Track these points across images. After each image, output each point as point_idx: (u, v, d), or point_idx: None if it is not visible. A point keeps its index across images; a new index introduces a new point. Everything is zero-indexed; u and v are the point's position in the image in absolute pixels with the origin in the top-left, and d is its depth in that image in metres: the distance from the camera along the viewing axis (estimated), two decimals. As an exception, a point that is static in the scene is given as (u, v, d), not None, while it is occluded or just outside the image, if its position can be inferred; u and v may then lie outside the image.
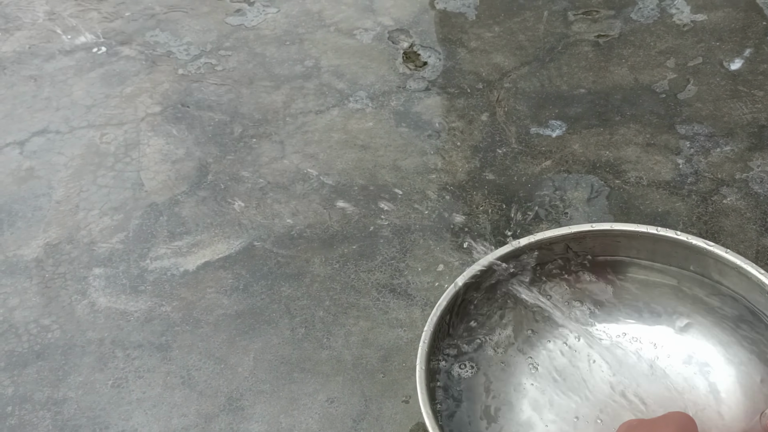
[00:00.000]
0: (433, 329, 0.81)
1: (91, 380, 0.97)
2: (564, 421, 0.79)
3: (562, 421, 0.79)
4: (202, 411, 0.93)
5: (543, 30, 1.42)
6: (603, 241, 0.89)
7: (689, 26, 1.39)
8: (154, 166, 1.25)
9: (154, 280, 1.08)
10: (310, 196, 1.17)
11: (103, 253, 1.12)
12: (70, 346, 1.01)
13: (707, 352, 0.82)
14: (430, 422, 0.73)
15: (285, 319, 1.01)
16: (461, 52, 1.41)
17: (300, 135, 1.27)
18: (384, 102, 1.32)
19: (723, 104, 1.22)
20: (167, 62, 1.47)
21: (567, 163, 1.16)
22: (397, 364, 0.94)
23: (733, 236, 1.03)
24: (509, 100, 1.29)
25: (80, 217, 1.18)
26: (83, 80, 1.45)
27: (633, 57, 1.34)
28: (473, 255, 1.04)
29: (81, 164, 1.27)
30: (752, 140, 1.16)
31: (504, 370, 0.84)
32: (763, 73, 1.27)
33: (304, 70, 1.41)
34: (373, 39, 1.47)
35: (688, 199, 1.09)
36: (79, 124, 1.35)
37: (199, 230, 1.14)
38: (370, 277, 1.04)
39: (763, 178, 1.10)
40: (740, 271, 0.82)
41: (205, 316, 1.03)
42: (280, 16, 1.56)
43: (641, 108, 1.24)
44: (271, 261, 1.08)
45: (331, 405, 0.91)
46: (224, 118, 1.33)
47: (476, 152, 1.20)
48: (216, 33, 1.54)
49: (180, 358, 0.98)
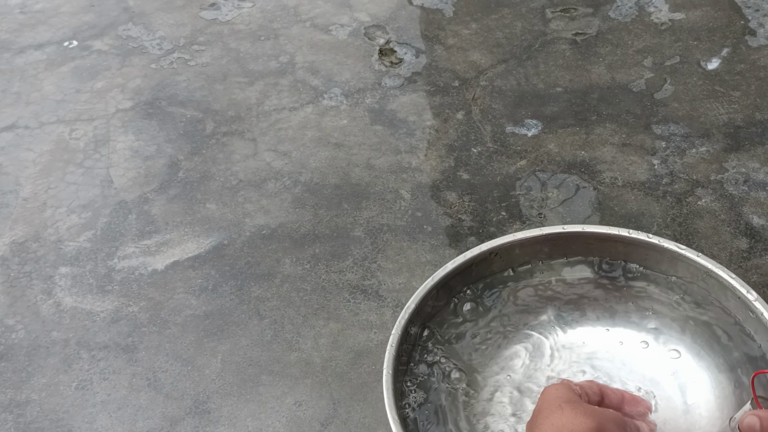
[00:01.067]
0: (401, 333, 0.79)
1: (55, 382, 0.95)
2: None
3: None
4: (167, 414, 0.91)
5: (520, 27, 1.41)
6: (576, 243, 0.88)
7: (667, 25, 1.38)
8: (124, 163, 1.23)
9: (121, 280, 1.06)
10: (282, 195, 1.15)
11: (70, 252, 1.10)
12: (35, 346, 0.99)
13: (677, 357, 0.81)
14: (396, 429, 0.71)
15: (254, 320, 0.99)
16: (438, 49, 1.39)
17: (273, 132, 1.26)
18: (359, 99, 1.30)
19: (699, 104, 1.22)
20: (139, 57, 1.45)
21: (542, 163, 1.15)
22: (367, 367, 0.93)
23: (707, 238, 1.02)
24: (485, 99, 1.27)
25: (48, 214, 1.16)
26: (54, 75, 1.43)
27: (610, 56, 1.33)
28: (446, 256, 1.03)
29: (50, 160, 1.25)
30: (728, 141, 1.15)
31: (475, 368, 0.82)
32: (740, 73, 1.27)
33: (278, 66, 1.39)
34: (349, 35, 1.45)
35: (662, 200, 1.08)
36: (48, 120, 1.33)
37: (168, 229, 1.12)
38: (341, 278, 1.03)
39: (738, 179, 1.10)
40: (712, 275, 0.81)
41: (172, 316, 1.01)
42: (256, 11, 1.54)
43: (618, 107, 1.23)
44: (241, 261, 1.06)
45: (299, 408, 0.90)
46: (197, 115, 1.31)
47: (451, 151, 1.19)
48: (190, 27, 1.51)
49: (146, 359, 0.97)
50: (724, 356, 0.80)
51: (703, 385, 0.79)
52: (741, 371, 0.78)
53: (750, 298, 0.77)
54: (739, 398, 0.76)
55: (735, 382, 0.78)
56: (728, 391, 0.78)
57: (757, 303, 0.77)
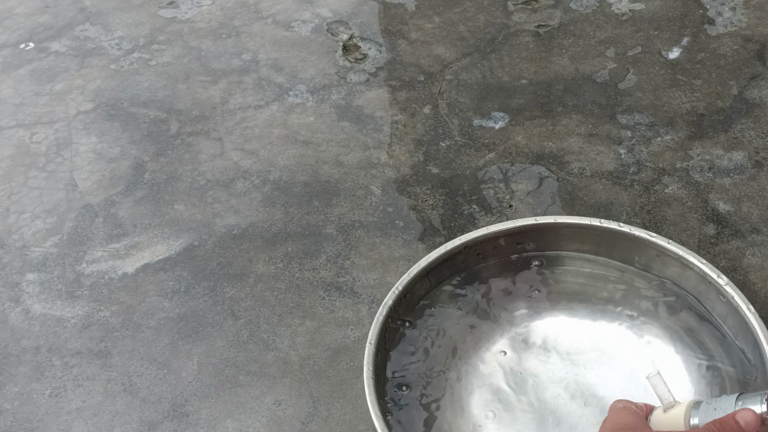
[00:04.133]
0: (379, 329, 0.79)
1: (27, 390, 0.94)
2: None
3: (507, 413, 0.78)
4: (145, 418, 0.90)
5: (483, 20, 1.42)
6: (547, 235, 0.89)
7: (628, 15, 1.40)
8: (87, 165, 1.21)
9: (91, 285, 1.04)
10: (251, 194, 1.14)
11: (36, 258, 1.08)
12: (5, 355, 0.97)
13: (653, 346, 0.82)
14: (379, 424, 0.71)
15: (229, 321, 0.99)
16: (402, 43, 1.39)
17: (239, 131, 1.25)
18: (324, 96, 1.30)
19: (662, 93, 1.23)
20: (98, 58, 1.43)
21: (511, 155, 1.16)
22: (345, 364, 0.93)
23: (675, 225, 1.04)
24: (451, 92, 1.28)
25: (11, 220, 1.14)
26: (11, 78, 1.40)
27: (573, 47, 1.34)
28: (418, 250, 1.03)
29: (11, 165, 1.22)
30: (691, 129, 1.17)
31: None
32: (701, 62, 1.29)
33: (241, 64, 1.38)
34: (311, 31, 1.45)
35: (630, 189, 1.09)
36: (7, 124, 1.30)
37: (137, 231, 1.10)
38: (315, 276, 1.02)
39: (703, 167, 1.11)
40: (683, 261, 0.82)
41: (145, 320, 1.00)
42: (215, 8, 1.52)
43: (583, 98, 1.24)
44: (212, 262, 1.05)
45: (279, 407, 0.89)
46: (160, 115, 1.29)
47: (419, 146, 1.19)
48: (149, 26, 1.49)
49: (121, 364, 0.95)
50: (695, 341, 0.82)
51: (678, 372, 0.80)
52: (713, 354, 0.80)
53: (721, 282, 0.79)
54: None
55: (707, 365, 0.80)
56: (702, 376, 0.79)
57: (727, 287, 0.78)
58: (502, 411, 0.79)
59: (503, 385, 0.81)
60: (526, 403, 0.79)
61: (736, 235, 1.02)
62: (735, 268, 0.98)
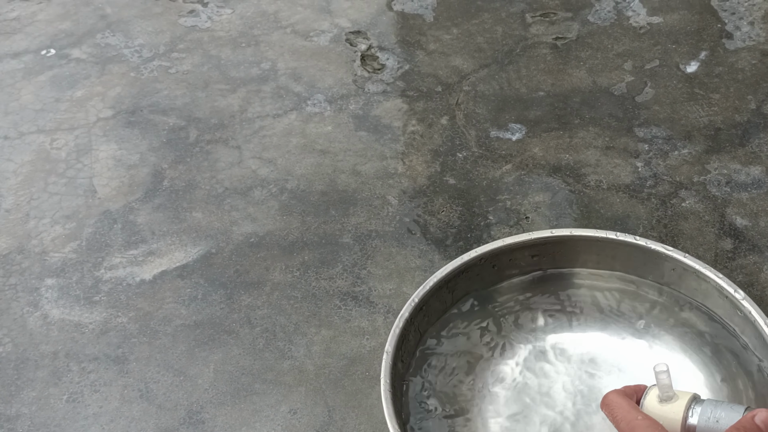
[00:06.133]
0: (396, 340, 0.80)
1: (45, 395, 0.94)
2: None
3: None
4: (161, 425, 0.90)
5: (501, 32, 1.42)
6: (563, 247, 0.89)
7: (645, 29, 1.40)
8: (107, 172, 1.22)
9: (109, 291, 1.05)
10: (268, 203, 1.15)
11: (55, 263, 1.09)
12: (23, 360, 0.98)
13: (666, 358, 0.82)
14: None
15: (245, 328, 0.99)
16: (420, 54, 1.40)
17: (257, 140, 1.25)
18: (342, 105, 1.31)
19: (680, 107, 1.23)
20: (119, 65, 1.44)
21: (527, 167, 1.16)
22: (361, 374, 0.93)
23: (692, 239, 1.04)
24: (468, 103, 1.28)
25: (31, 225, 1.15)
26: (32, 84, 1.41)
27: (591, 59, 1.35)
28: (434, 261, 1.03)
29: (31, 171, 1.24)
30: (709, 143, 1.17)
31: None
32: (719, 75, 1.29)
33: (260, 73, 1.39)
34: (330, 41, 1.46)
35: (647, 202, 1.09)
36: (28, 129, 1.31)
37: (155, 238, 1.11)
38: (331, 285, 1.03)
39: (720, 181, 1.11)
40: (699, 275, 0.82)
41: (162, 326, 1.00)
42: (235, 17, 1.54)
43: (600, 111, 1.24)
44: (230, 269, 1.06)
45: (294, 416, 0.90)
46: (179, 123, 1.30)
47: (436, 156, 1.19)
48: (169, 35, 1.51)
49: (137, 370, 0.96)
50: (712, 357, 0.81)
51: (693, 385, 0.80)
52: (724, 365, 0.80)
53: (738, 297, 0.79)
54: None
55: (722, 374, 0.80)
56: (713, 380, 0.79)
57: (744, 302, 0.78)
58: (521, 423, 0.79)
59: (522, 397, 0.81)
60: (545, 415, 0.79)
61: (754, 250, 1.02)
62: (752, 283, 0.98)
